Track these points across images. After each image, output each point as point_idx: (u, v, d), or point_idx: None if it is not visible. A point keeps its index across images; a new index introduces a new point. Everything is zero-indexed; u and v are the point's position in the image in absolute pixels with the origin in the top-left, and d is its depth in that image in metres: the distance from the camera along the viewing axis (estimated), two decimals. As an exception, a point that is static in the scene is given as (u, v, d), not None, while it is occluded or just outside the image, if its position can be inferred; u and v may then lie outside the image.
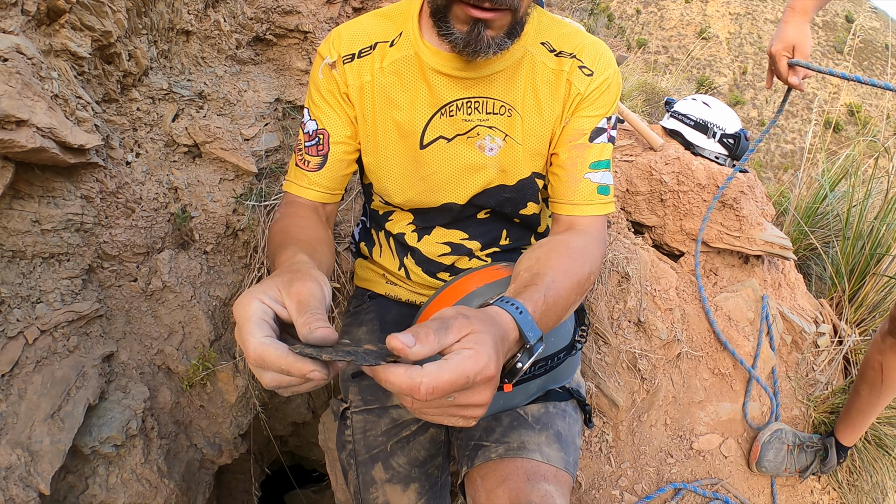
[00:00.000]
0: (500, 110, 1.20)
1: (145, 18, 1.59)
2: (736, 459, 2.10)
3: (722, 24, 64.97)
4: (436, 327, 0.72)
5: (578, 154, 1.20)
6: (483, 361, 0.70)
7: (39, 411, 1.29)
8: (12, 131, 1.14)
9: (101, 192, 1.50)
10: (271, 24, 1.99)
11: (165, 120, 1.72)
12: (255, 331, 0.71)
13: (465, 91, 1.19)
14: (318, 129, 1.23)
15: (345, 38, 1.22)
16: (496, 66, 1.17)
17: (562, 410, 1.31)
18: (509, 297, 0.89)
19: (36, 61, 1.22)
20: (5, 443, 1.22)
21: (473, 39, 1.01)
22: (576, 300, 1.04)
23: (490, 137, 1.22)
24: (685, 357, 2.07)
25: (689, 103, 2.48)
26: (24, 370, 1.30)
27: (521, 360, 0.86)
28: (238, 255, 1.94)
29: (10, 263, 1.32)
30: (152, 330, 1.70)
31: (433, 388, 0.66)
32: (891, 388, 1.92)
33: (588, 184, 1.19)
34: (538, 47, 1.20)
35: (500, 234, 1.39)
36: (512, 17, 1.01)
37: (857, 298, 2.71)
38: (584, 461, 1.85)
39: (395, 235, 1.40)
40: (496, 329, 0.78)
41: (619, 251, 2.09)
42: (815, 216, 3.42)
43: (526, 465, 1.18)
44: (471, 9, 0.97)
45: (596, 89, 1.19)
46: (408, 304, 1.49)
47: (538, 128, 1.22)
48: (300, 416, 2.61)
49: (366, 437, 1.36)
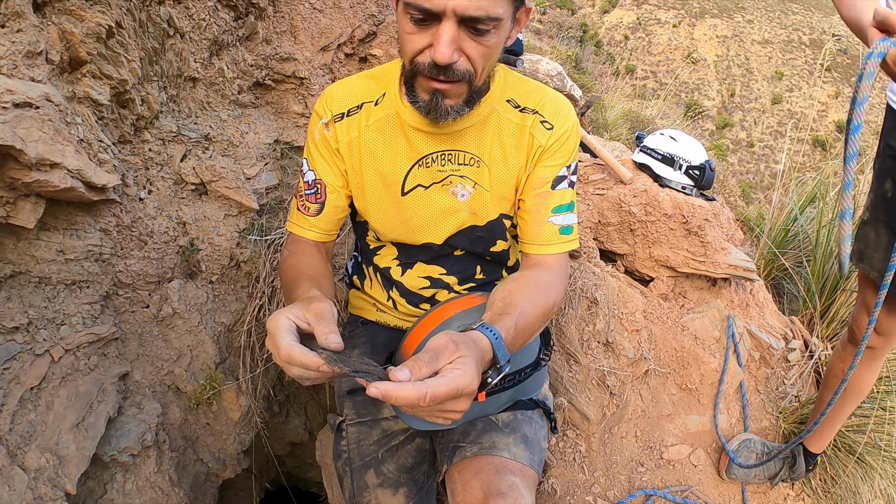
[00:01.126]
0: (469, 161, 1.38)
1: (156, 66, 1.75)
2: (705, 468, 2.25)
3: (709, 48, 65.80)
4: (428, 359, 0.91)
5: (542, 200, 1.38)
6: (469, 379, 0.90)
7: (66, 421, 1.44)
8: (47, 173, 1.28)
9: (117, 225, 1.64)
10: (270, 70, 2.17)
11: (175, 160, 1.87)
12: (285, 336, 0.95)
13: (439, 145, 1.36)
14: (316, 180, 1.42)
15: (336, 98, 1.40)
16: (466, 122, 1.34)
17: (529, 418, 1.48)
18: (489, 324, 1.07)
19: (62, 108, 1.36)
20: (35, 447, 1.37)
21: (433, 107, 1.19)
22: (541, 326, 1.24)
23: (462, 185, 1.39)
24: (653, 374, 2.24)
25: (658, 138, 2.67)
26: (51, 384, 1.45)
27: (491, 376, 1.04)
28: (241, 285, 2.10)
29: (36, 288, 1.47)
30: (163, 352, 1.85)
31: (434, 398, 0.85)
32: (854, 395, 2.04)
33: (551, 226, 1.37)
34: (504, 104, 1.37)
35: (474, 269, 1.56)
36: (468, 87, 1.18)
37: (829, 314, 2.87)
38: (559, 469, 2.00)
39: (381, 269, 1.57)
40: (478, 351, 0.98)
41: (588, 279, 2.27)
42: (787, 238, 3.61)
43: (496, 461, 1.35)
44: (430, 80, 1.15)
45: (556, 142, 1.37)
46: (395, 329, 1.66)
47: (504, 176, 1.40)
48: (298, 436, 2.75)
49: (359, 447, 1.53)
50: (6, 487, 1.25)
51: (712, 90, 60.91)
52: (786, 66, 61.98)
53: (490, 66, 1.21)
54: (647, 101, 11.00)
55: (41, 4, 1.34)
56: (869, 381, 2.02)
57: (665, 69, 59.97)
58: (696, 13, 69.12)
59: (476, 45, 1.10)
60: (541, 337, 1.51)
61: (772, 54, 64.02)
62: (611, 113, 7.51)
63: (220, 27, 1.92)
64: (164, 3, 1.71)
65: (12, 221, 1.32)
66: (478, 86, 1.21)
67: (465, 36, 1.08)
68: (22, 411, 1.37)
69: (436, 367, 0.90)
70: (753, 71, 62.55)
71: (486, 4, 1.03)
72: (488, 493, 1.27)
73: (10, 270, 1.40)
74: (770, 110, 57.49)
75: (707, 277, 2.62)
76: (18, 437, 1.35)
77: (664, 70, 59.61)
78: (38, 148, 1.24)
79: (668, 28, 67.80)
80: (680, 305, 2.53)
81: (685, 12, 69.51)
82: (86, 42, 1.42)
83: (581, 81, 8.74)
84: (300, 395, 2.77)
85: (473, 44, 1.10)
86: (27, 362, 1.40)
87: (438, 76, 1.13)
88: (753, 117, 57.32)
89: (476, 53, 1.11)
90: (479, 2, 1.02)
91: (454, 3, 1.01)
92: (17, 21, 1.25)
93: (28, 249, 1.42)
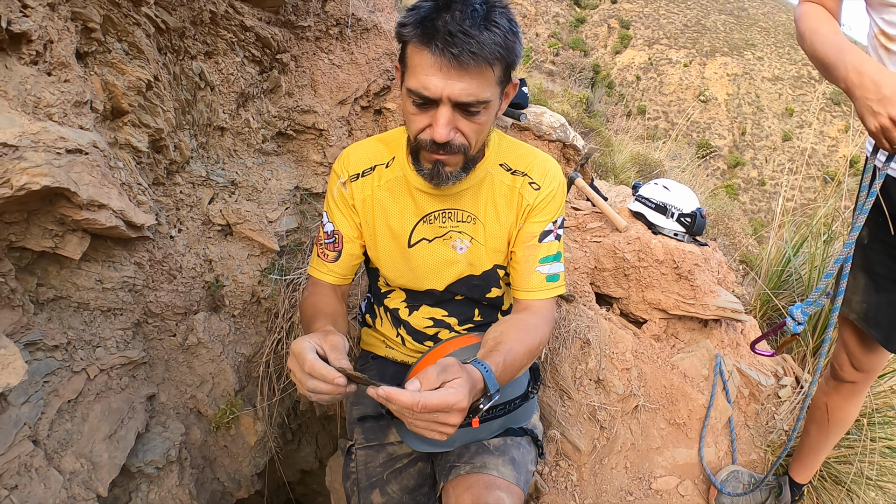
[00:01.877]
0: (467, 219, 1.57)
1: (188, 116, 1.92)
2: (693, 498, 2.35)
3: (720, 86, 66.10)
4: (437, 370, 1.10)
5: (530, 252, 1.56)
6: (459, 397, 1.07)
7: (99, 433, 1.61)
8: (95, 212, 1.44)
9: (150, 260, 1.81)
10: (292, 121, 2.35)
11: (203, 202, 2.05)
12: (309, 353, 1.14)
13: (440, 204, 1.56)
14: (335, 230, 1.61)
15: (352, 160, 1.60)
16: (464, 185, 1.53)
17: (517, 443, 1.64)
18: (481, 360, 1.25)
19: (107, 153, 1.51)
20: (71, 453, 1.52)
21: (435, 175, 1.39)
22: (528, 361, 1.41)
23: (460, 239, 1.58)
24: (643, 409, 2.38)
25: (651, 187, 2.84)
26: (87, 399, 1.61)
27: (482, 403, 1.21)
28: (261, 320, 2.27)
29: (75, 312, 1.63)
30: (187, 378, 2.02)
31: (425, 406, 1.03)
32: (837, 427, 2.11)
33: (538, 275, 1.55)
34: (497, 168, 1.56)
35: (472, 312, 1.74)
36: (464, 157, 1.38)
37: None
38: (552, 497, 2.12)
39: (391, 310, 1.75)
40: (471, 379, 1.15)
41: (581, 321, 2.43)
42: (782, 278, 3.73)
43: (486, 478, 1.51)
44: (431, 154, 1.35)
45: (543, 200, 1.55)
46: (402, 364, 1.83)
47: (497, 231, 1.58)
48: (308, 464, 2.89)
49: (367, 468, 1.68)
50: (42, 486, 1.39)
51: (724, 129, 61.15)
52: (796, 103, 62.09)
53: (482, 138, 1.41)
54: (658, 142, 11.12)
55: (83, 55, 1.49)
56: (852, 414, 2.08)
57: (676, 109, 60.29)
58: (707, 52, 69.67)
59: (469, 124, 1.30)
60: (530, 372, 1.70)
61: (782, 91, 64.20)
62: (619, 157, 7.63)
63: (247, 81, 2.09)
64: (196, 58, 1.89)
65: (60, 252, 1.48)
66: (472, 155, 1.40)
67: (459, 117, 1.28)
68: (60, 420, 1.52)
69: (445, 377, 1.09)
70: (764, 108, 62.74)
71: (476, 91, 1.22)
72: None
73: (53, 294, 1.55)
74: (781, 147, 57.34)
75: (698, 319, 2.76)
76: (56, 443, 1.50)
77: (675, 110, 59.95)
78: (88, 190, 1.38)
79: (679, 67, 68.29)
80: (671, 346, 2.68)
81: (696, 51, 70.10)
82: (127, 94, 1.59)
83: (591, 126, 8.93)
84: (312, 425, 2.91)
85: (466, 122, 1.29)
86: (65, 378, 1.56)
87: (438, 151, 1.32)
88: (765, 155, 57.21)
89: (469, 130, 1.31)
90: (469, 90, 1.22)
91: (448, 92, 1.21)
92: (63, 71, 1.38)
93: (70, 277, 1.58)
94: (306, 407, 2.66)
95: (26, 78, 1.29)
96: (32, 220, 1.39)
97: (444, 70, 1.19)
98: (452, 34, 1.16)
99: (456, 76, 1.20)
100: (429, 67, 1.20)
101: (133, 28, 1.56)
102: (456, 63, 1.17)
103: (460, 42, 1.16)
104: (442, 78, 1.20)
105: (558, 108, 9.43)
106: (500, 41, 1.21)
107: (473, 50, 1.17)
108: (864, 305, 1.78)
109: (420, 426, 1.10)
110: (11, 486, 1.32)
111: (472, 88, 1.22)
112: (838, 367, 2.00)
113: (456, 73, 1.19)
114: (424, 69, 1.21)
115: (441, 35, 1.16)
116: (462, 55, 1.16)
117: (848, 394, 2.03)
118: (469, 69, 1.19)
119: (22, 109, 1.27)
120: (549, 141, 3.13)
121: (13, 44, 1.27)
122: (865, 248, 1.73)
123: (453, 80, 1.20)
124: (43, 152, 1.25)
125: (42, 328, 1.50)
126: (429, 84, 1.21)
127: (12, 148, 1.19)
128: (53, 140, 1.28)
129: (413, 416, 1.07)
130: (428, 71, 1.20)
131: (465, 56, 1.16)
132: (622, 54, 71.59)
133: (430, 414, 1.06)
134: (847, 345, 1.93)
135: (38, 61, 1.33)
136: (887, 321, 1.74)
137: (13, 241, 1.39)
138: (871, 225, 1.68)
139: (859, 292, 1.79)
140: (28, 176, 1.22)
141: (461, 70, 1.19)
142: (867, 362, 1.92)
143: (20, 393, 1.40)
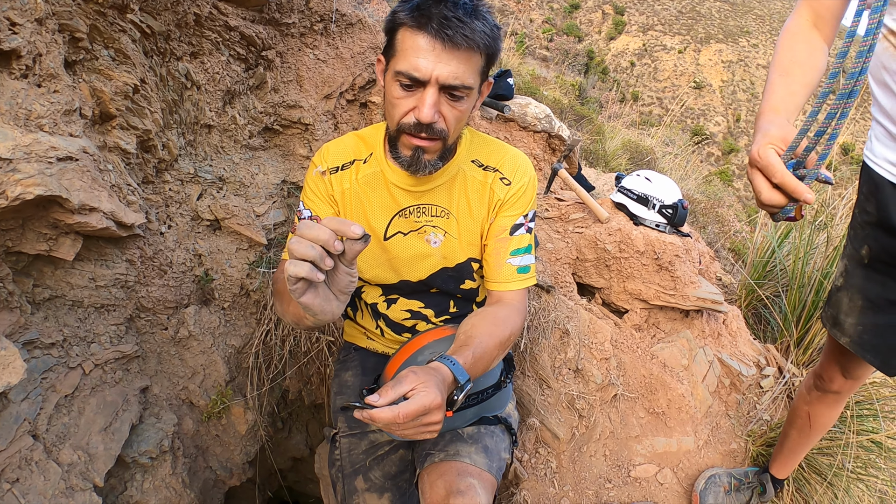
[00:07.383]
0: (440, 213, 1.62)
1: (175, 115, 1.95)
2: (671, 486, 2.42)
3: (715, 73, 65.96)
4: (392, 385, 1.13)
5: (502, 245, 1.62)
6: (432, 396, 1.13)
7: (95, 425, 1.66)
8: (86, 216, 1.47)
9: (141, 257, 1.85)
10: (278, 116, 2.39)
11: (192, 199, 2.08)
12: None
13: (415, 199, 1.61)
14: (312, 216, 1.64)
15: (332, 153, 1.65)
16: (438, 181, 1.59)
17: (491, 431, 1.71)
18: (447, 355, 1.31)
19: (97, 157, 1.53)
20: (69, 446, 1.58)
21: (414, 161, 1.44)
22: (499, 353, 1.47)
23: (434, 233, 1.64)
24: (622, 398, 2.45)
25: (634, 179, 2.88)
26: (83, 394, 1.66)
27: (456, 394, 1.27)
28: (250, 312, 2.32)
29: (70, 310, 1.67)
30: (179, 370, 2.07)
31: (406, 415, 1.08)
32: (818, 431, 2.13)
33: (509, 267, 1.61)
34: (469, 164, 1.62)
35: (448, 304, 1.79)
36: (443, 144, 1.43)
37: (804, 342, 3.05)
38: (531, 483, 2.20)
39: (369, 304, 1.81)
40: (438, 375, 1.21)
41: (561, 311, 2.49)
42: (767, 268, 3.80)
43: (458, 465, 1.57)
44: (412, 138, 1.40)
45: (513, 195, 1.61)
46: (382, 355, 1.89)
47: (470, 225, 1.64)
48: (299, 451, 2.96)
49: (350, 455, 1.75)
50: (42, 478, 1.44)
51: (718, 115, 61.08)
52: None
53: (460, 128, 1.47)
54: (651, 129, 11.12)
55: (71, 63, 1.52)
56: (832, 419, 2.09)
57: (671, 95, 60.18)
58: (702, 38, 69.46)
59: (451, 110, 1.37)
60: (504, 362, 1.76)
61: (777, 79, 63.83)
62: (610, 144, 7.66)
63: (233, 78, 2.12)
64: (182, 60, 1.92)
65: (54, 254, 1.51)
66: (450, 144, 1.46)
67: (443, 101, 1.35)
68: (57, 415, 1.57)
69: (399, 391, 1.13)
70: (759, 95, 62.57)
71: (462, 75, 1.30)
72: (450, 491, 1.49)
73: (49, 294, 1.60)
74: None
75: (678, 309, 2.82)
76: (54, 437, 1.55)
77: (670, 96, 59.84)
78: (80, 196, 1.41)
79: (674, 54, 68.11)
80: (652, 336, 2.74)
81: (690, 38, 69.90)
82: (115, 99, 1.62)
83: (582, 113, 8.94)
84: (302, 414, 2.98)
85: (449, 108, 1.36)
86: (62, 374, 1.60)
87: (420, 133, 1.37)
88: (759, 142, 56.96)
89: (451, 116, 1.38)
90: (457, 73, 1.29)
91: (437, 73, 1.28)
92: (52, 82, 1.40)
93: (64, 277, 1.63)
94: (296, 396, 2.72)
95: (17, 92, 1.32)
96: (27, 226, 1.43)
97: (436, 51, 1.27)
98: (447, 18, 1.24)
99: (446, 59, 1.28)
100: (420, 49, 1.28)
101: (119, 35, 1.59)
102: (450, 45, 1.26)
103: (455, 25, 1.25)
104: (433, 60, 1.28)
105: (549, 95, 9.44)
106: (488, 31, 1.31)
107: (466, 34, 1.25)
108: (859, 328, 1.70)
109: (410, 434, 1.16)
110: (13, 479, 1.37)
111: (460, 72, 1.29)
112: (828, 380, 1.96)
113: (446, 56, 1.27)
114: (416, 51, 1.28)
115: (437, 19, 1.25)
116: (456, 37, 1.25)
117: (832, 402, 2.03)
118: (460, 51, 1.28)
119: (14, 123, 1.30)
120: (535, 132, 3.17)
121: (3, 60, 1.30)
122: (866, 267, 1.66)
123: (443, 62, 1.28)
124: (35, 162, 1.29)
125: (39, 327, 1.55)
126: (419, 65, 1.28)
127: (6, 161, 1.22)
128: (45, 150, 1.31)
129: (400, 428, 1.13)
130: (419, 53, 1.28)
131: (458, 38, 1.25)
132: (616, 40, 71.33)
133: (414, 420, 1.12)
134: (839, 361, 1.90)
135: (28, 75, 1.36)
136: (885, 345, 1.67)
137: (9, 247, 1.43)
138: (871, 243, 1.62)
139: (854, 314, 1.71)
140: (22, 187, 1.26)
141: (453, 51, 1.27)
142: (861, 371, 1.88)
143: (20, 390, 1.45)
